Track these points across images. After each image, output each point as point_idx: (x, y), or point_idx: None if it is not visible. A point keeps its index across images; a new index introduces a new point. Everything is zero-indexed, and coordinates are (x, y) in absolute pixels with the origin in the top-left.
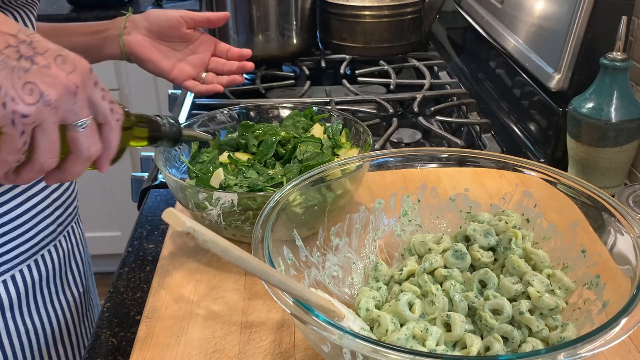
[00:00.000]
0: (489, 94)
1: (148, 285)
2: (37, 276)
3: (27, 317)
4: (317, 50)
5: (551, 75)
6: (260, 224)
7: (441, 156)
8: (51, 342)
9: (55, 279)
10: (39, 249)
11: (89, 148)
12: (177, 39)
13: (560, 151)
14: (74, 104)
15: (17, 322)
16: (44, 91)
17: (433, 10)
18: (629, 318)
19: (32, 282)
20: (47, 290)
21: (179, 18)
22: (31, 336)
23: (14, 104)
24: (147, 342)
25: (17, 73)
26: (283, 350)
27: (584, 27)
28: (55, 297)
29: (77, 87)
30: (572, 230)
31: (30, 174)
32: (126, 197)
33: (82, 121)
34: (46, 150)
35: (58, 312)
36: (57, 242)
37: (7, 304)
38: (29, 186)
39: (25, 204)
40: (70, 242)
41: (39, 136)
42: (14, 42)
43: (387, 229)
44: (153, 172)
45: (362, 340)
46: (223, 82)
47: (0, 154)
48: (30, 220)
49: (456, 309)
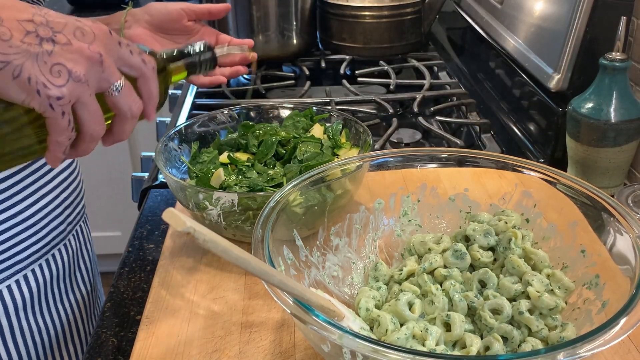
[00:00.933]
0: (488, 94)
1: (148, 285)
2: (48, 275)
3: (39, 315)
4: (317, 51)
5: (551, 76)
6: (261, 224)
7: (441, 156)
8: (62, 339)
9: (65, 278)
10: (49, 248)
11: (130, 107)
12: (178, 31)
13: (559, 151)
14: (102, 72)
15: (29, 321)
16: (71, 69)
17: (433, 10)
18: (629, 318)
19: (44, 281)
20: (57, 289)
21: (180, 10)
22: (43, 335)
23: (46, 89)
24: (147, 341)
25: (42, 58)
26: (283, 349)
27: (583, 28)
28: (65, 296)
29: (101, 55)
30: (571, 230)
31: (85, 145)
32: (127, 197)
33: (115, 85)
34: (91, 122)
35: (68, 310)
36: (66, 242)
37: (21, 304)
38: (39, 187)
39: (36, 204)
40: (79, 240)
41: (80, 111)
42: (32, 28)
43: (387, 229)
44: (153, 172)
45: (362, 340)
46: (226, 74)
47: (52, 137)
48: (42, 220)
49: (456, 309)
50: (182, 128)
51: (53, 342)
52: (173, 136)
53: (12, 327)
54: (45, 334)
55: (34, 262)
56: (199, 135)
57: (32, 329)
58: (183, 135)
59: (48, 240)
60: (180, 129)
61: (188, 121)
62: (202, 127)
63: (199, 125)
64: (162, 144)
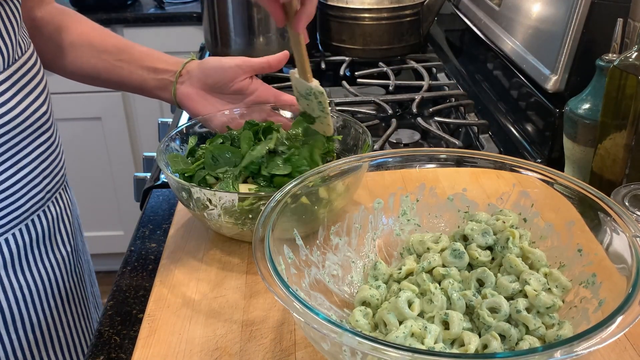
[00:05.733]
0: (486, 95)
1: (150, 284)
2: (27, 239)
3: (21, 274)
4: (317, 52)
5: (548, 77)
6: (261, 223)
7: (439, 156)
8: (43, 295)
9: (45, 241)
10: (28, 215)
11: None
12: (232, 92)
13: (556, 151)
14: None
15: (11, 279)
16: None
17: (431, 12)
18: (625, 316)
19: (24, 244)
20: (37, 251)
21: (236, 68)
22: (24, 291)
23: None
24: (149, 340)
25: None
26: (284, 347)
27: (580, 29)
28: (46, 257)
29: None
30: (568, 230)
31: None
32: (129, 197)
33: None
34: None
35: (48, 270)
36: (45, 208)
37: (1, 264)
38: (18, 159)
39: (14, 175)
40: (59, 206)
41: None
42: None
43: (386, 229)
44: (155, 173)
45: (361, 338)
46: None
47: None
48: (20, 190)
49: (454, 308)
50: (183, 128)
51: (35, 297)
52: (174, 137)
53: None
54: (27, 290)
55: (13, 227)
56: (200, 136)
57: (14, 286)
58: (184, 136)
59: (27, 207)
60: (181, 129)
61: (189, 122)
62: (203, 128)
63: (200, 126)
64: (164, 144)
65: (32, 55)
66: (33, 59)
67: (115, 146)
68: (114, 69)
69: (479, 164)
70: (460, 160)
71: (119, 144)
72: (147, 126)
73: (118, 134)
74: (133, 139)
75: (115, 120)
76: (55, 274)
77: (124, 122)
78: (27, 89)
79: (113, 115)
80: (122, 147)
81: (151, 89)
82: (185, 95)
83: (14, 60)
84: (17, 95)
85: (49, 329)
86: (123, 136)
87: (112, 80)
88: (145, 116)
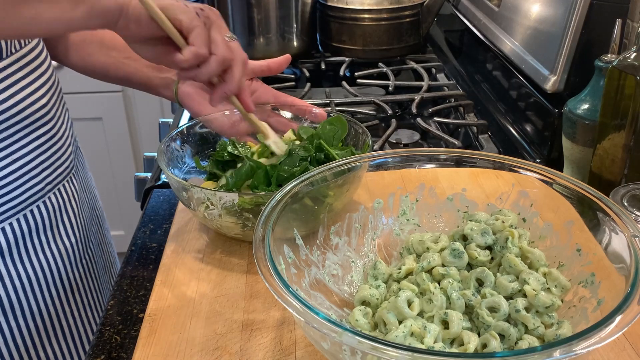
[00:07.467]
0: (485, 96)
1: (151, 284)
2: (26, 229)
3: (19, 263)
4: (317, 53)
5: (547, 77)
6: (262, 223)
7: (439, 157)
8: (44, 285)
9: (46, 231)
10: (26, 205)
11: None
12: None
13: (556, 152)
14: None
15: (8, 267)
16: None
17: (431, 13)
18: (624, 316)
19: (22, 234)
20: (37, 241)
21: None
22: (23, 280)
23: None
24: (150, 339)
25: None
26: (284, 347)
27: (579, 30)
28: (47, 247)
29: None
30: (567, 230)
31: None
32: (130, 197)
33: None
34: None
35: (50, 260)
36: (46, 199)
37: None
38: (13, 150)
39: (10, 166)
40: (62, 198)
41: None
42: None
43: (386, 228)
44: (156, 173)
45: (361, 337)
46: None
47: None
48: (16, 181)
49: (454, 307)
50: (184, 129)
51: (35, 287)
52: (175, 137)
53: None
54: (26, 279)
55: (12, 217)
56: (200, 136)
57: (12, 275)
58: (185, 136)
59: (24, 198)
60: (182, 129)
61: (190, 122)
62: (203, 128)
63: (201, 127)
64: (165, 144)
65: (35, 48)
66: (36, 51)
67: (116, 146)
68: (122, 66)
69: (479, 164)
70: (459, 160)
71: (119, 144)
72: (147, 126)
73: (119, 134)
74: (134, 139)
75: (116, 121)
76: (57, 264)
77: (124, 123)
78: (25, 81)
79: (114, 115)
80: (122, 147)
81: (155, 87)
82: (187, 94)
83: (11, 52)
84: (14, 86)
85: (51, 317)
86: (124, 136)
87: (120, 77)
88: (146, 116)
